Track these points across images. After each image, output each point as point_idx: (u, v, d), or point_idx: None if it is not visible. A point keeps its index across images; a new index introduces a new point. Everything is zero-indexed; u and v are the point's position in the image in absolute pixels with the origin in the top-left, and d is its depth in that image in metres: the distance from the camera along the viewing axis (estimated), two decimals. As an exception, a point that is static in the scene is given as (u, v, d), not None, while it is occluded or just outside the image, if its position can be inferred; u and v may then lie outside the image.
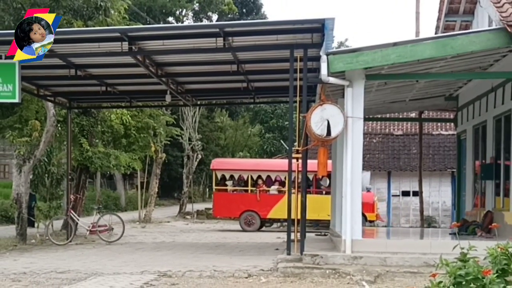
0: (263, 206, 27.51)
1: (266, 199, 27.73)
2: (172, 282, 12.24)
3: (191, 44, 15.52)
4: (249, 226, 27.70)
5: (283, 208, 25.99)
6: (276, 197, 27.73)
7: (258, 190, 28.01)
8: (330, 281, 12.28)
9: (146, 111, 28.36)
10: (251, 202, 27.73)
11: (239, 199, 28.25)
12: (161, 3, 44.27)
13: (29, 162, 20.95)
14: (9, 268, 14.06)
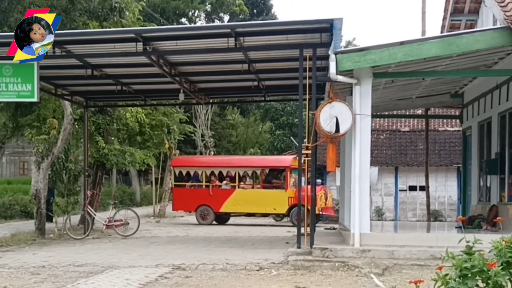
0: (216, 201, 27.88)
1: (218, 194, 28.05)
2: (186, 275, 12.27)
3: (204, 44, 15.54)
4: (203, 219, 28.09)
5: (234, 202, 27.06)
6: (228, 192, 28.13)
7: (211, 185, 28.37)
8: (339, 274, 12.28)
9: (160, 109, 28.43)
10: (205, 197, 28.05)
11: (195, 194, 28.62)
12: (174, 4, 44.28)
13: (47, 159, 21.04)
14: (28, 262, 14.13)
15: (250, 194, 27.70)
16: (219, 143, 52.54)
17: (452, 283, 4.89)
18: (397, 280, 11.36)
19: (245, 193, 27.74)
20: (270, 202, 27.24)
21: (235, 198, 27.68)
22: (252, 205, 27.48)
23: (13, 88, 15.32)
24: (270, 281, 11.61)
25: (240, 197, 27.60)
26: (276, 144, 49.39)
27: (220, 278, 11.94)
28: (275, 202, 27.08)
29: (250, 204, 27.43)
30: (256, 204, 27.33)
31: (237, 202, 27.55)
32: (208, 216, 28.08)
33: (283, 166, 28.00)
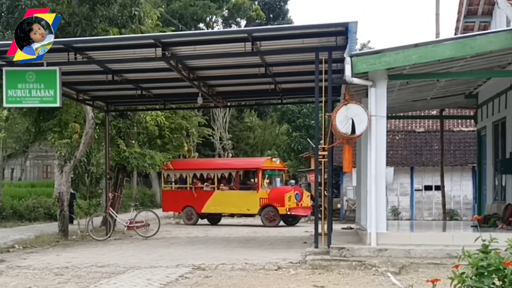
0: (199, 202, 28.50)
1: (200, 195, 28.62)
2: (206, 275, 12.28)
3: (221, 48, 15.56)
4: (189, 220, 28.78)
5: (214, 203, 27.66)
6: (208, 193, 28.64)
7: (194, 187, 28.97)
8: (356, 273, 12.24)
9: (179, 112, 28.49)
10: (190, 199, 28.75)
11: (181, 196, 29.29)
12: (192, 10, 44.36)
13: (70, 163, 21.17)
14: (52, 263, 14.22)
15: (227, 195, 28.22)
16: (237, 146, 52.55)
17: (469, 282, 4.85)
18: (413, 279, 11.31)
19: (223, 194, 28.29)
20: (243, 202, 27.76)
21: (215, 199, 28.30)
22: (229, 206, 28.15)
23: (36, 94, 15.42)
24: (288, 280, 11.60)
25: (219, 198, 28.20)
26: (293, 145, 49.30)
27: (239, 278, 11.94)
28: (248, 202, 27.61)
29: (227, 205, 28.09)
30: (232, 204, 27.98)
31: (216, 203, 28.15)
32: (192, 216, 28.76)
33: (255, 168, 28.42)
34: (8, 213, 27.87)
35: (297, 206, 27.29)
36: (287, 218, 27.66)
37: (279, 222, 27.17)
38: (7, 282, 11.99)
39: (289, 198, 26.89)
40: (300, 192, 27.98)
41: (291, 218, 27.77)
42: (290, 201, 26.93)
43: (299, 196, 27.49)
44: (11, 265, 13.99)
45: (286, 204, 26.77)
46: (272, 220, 27.16)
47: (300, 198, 27.51)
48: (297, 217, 28.03)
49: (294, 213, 27.22)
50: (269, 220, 27.20)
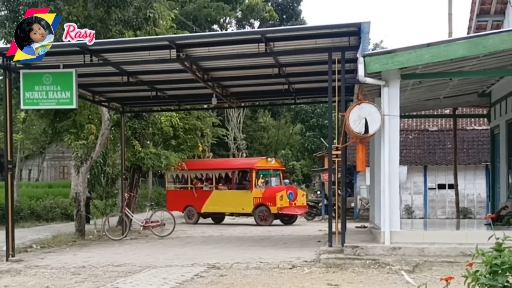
0: (199, 202, 28.91)
1: (200, 195, 29.02)
2: (221, 274, 12.31)
3: (235, 50, 15.57)
4: (190, 219, 29.21)
5: (212, 203, 28.03)
6: (207, 193, 28.97)
7: (194, 187, 29.39)
8: (370, 271, 12.23)
9: (194, 113, 28.56)
10: (191, 198, 29.16)
11: (183, 195, 29.72)
12: (206, 12, 44.45)
13: (86, 163, 21.26)
14: (69, 262, 14.30)
15: (224, 195, 28.52)
16: (251, 145, 52.58)
17: (483, 280, 4.84)
18: (427, 277, 11.28)
19: (220, 194, 28.61)
20: (239, 202, 28.03)
21: (213, 199, 28.65)
22: (226, 205, 28.45)
23: (53, 96, 15.50)
24: (302, 279, 11.60)
25: (217, 198, 28.54)
26: (306, 145, 49.26)
27: (254, 277, 11.95)
28: (243, 202, 27.88)
29: (224, 204, 28.39)
30: (229, 204, 28.29)
31: (214, 203, 28.51)
32: (193, 216, 29.15)
33: (249, 168, 28.64)
34: (25, 213, 28.01)
35: (290, 206, 27.50)
36: (283, 217, 27.95)
37: (271, 221, 27.41)
38: (25, 281, 12.08)
39: (281, 198, 27.13)
40: (294, 192, 28.19)
41: (287, 217, 28.02)
42: (282, 200, 27.17)
43: (292, 196, 27.70)
44: (29, 264, 14.08)
45: (278, 203, 27.02)
46: (265, 219, 27.45)
47: (294, 197, 27.72)
48: (293, 216, 28.25)
49: (286, 212, 27.44)
50: (261, 219, 27.48)
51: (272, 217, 27.37)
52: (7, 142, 15.22)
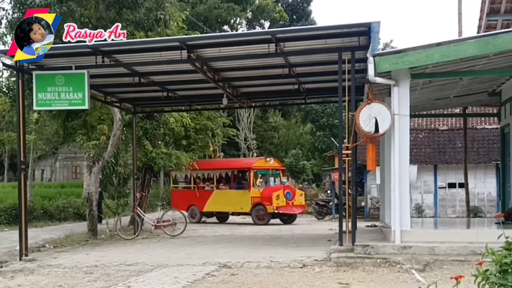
0: (201, 201, 29.20)
1: (202, 195, 29.31)
2: (232, 273, 12.33)
3: (245, 50, 15.58)
4: (193, 218, 29.30)
5: (213, 202, 28.34)
6: (208, 192, 29.25)
7: (197, 187, 29.65)
8: (381, 270, 12.21)
9: (205, 113, 28.61)
10: (193, 198, 29.45)
11: (186, 195, 30.04)
12: (216, 13, 44.48)
13: (98, 164, 21.33)
14: (82, 262, 14.35)
15: (224, 195, 28.76)
16: (262, 145, 52.59)
17: (493, 279, 4.82)
18: (438, 276, 11.26)
19: (220, 193, 28.87)
20: (238, 201, 28.24)
21: (214, 198, 28.92)
22: (226, 205, 28.66)
23: (65, 97, 15.57)
24: (313, 278, 11.60)
25: (217, 198, 28.81)
26: (317, 145, 49.22)
27: (265, 276, 11.96)
28: (241, 201, 28.09)
29: (224, 204, 28.60)
30: (229, 203, 28.49)
31: (215, 202, 28.76)
32: (196, 215, 29.37)
33: (246, 168, 28.85)
34: (38, 213, 28.16)
35: (287, 205, 27.63)
36: (281, 217, 28.10)
37: (268, 220, 27.59)
38: (39, 280, 12.14)
39: (277, 197, 27.33)
40: (292, 191, 28.39)
41: (286, 216, 28.15)
42: (279, 200, 27.36)
43: (290, 195, 27.91)
44: (42, 264, 14.14)
45: (274, 202, 27.20)
46: (262, 218, 27.62)
47: (291, 197, 27.91)
48: (292, 215, 28.38)
49: (282, 211, 27.58)
50: (259, 218, 27.67)
51: (269, 216, 27.58)
52: (20, 143, 15.29)
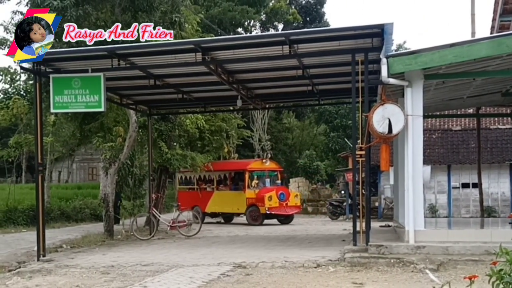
0: (203, 202, 29.50)
1: (204, 195, 29.81)
2: (247, 273, 12.33)
3: (259, 52, 15.57)
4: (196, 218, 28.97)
5: (214, 203, 28.64)
6: (210, 193, 29.68)
7: (199, 188, 30.13)
8: (395, 270, 12.18)
9: (219, 115, 28.65)
10: (197, 199, 29.79)
11: (190, 196, 30.35)
12: (231, 15, 44.52)
13: (114, 165, 21.39)
14: (98, 262, 14.39)
15: (223, 196, 29.12)
16: (276, 146, 52.54)
17: (507, 278, 4.79)
18: (452, 276, 11.21)
19: (220, 194, 29.26)
20: (234, 202, 28.55)
21: (214, 199, 29.30)
22: (224, 206, 29.00)
23: (81, 99, 15.64)
24: (327, 277, 11.58)
25: (217, 199, 29.20)
26: (330, 145, 49.13)
27: (279, 275, 11.96)
28: (238, 202, 28.41)
29: (223, 205, 28.93)
30: (227, 204, 28.80)
31: (215, 203, 29.10)
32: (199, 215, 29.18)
33: (242, 169, 29.08)
34: (56, 214, 28.31)
35: (280, 206, 27.84)
36: (276, 217, 28.36)
37: (262, 221, 27.81)
38: (56, 280, 12.20)
39: (270, 198, 27.54)
40: (286, 192, 28.57)
41: (283, 217, 28.42)
42: (271, 201, 27.59)
43: (284, 196, 28.10)
44: (59, 264, 14.20)
45: (266, 203, 27.42)
46: (255, 219, 27.88)
47: (285, 198, 28.10)
48: (288, 216, 28.61)
49: (275, 212, 27.78)
50: (252, 219, 27.93)
51: (262, 217, 27.81)
52: (38, 145, 15.38)
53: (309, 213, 37.51)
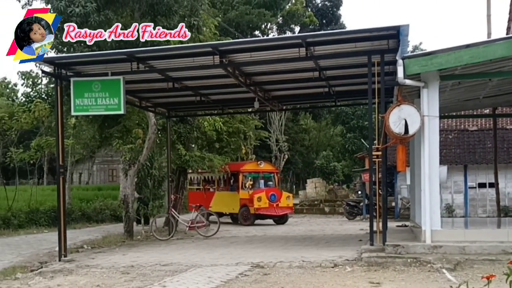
0: (207, 202, 29.95)
1: (208, 196, 30.71)
2: (264, 272, 12.33)
3: (276, 54, 15.57)
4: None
5: (215, 203, 29.09)
6: (212, 194, 30.71)
7: (203, 188, 30.88)
8: (411, 269, 12.12)
9: (237, 117, 28.68)
10: (202, 199, 30.32)
11: (197, 196, 31.10)
12: (248, 18, 44.59)
13: (133, 167, 21.49)
14: (119, 262, 14.45)
15: (222, 196, 29.77)
16: (293, 147, 52.54)
17: (524, 278, 4.77)
18: (468, 275, 11.14)
19: (220, 195, 30.03)
20: (230, 202, 29.02)
21: (215, 199, 29.95)
22: (223, 206, 29.43)
23: (101, 102, 15.71)
24: (344, 277, 11.56)
25: (218, 199, 29.88)
26: (347, 146, 49.09)
27: (297, 275, 11.94)
28: (233, 203, 28.90)
29: (222, 205, 29.41)
30: (224, 204, 29.23)
31: (216, 203, 29.59)
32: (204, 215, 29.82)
33: (236, 171, 29.36)
34: (77, 215, 28.49)
35: (270, 206, 28.10)
36: (271, 218, 28.73)
37: (253, 221, 28.17)
38: (77, 280, 12.27)
39: (259, 199, 27.86)
40: (277, 193, 28.76)
41: (278, 217, 28.74)
42: (261, 201, 27.90)
43: (275, 197, 28.31)
44: (80, 264, 14.29)
45: (256, 204, 27.77)
46: (246, 219, 28.28)
47: (276, 199, 28.32)
48: (282, 216, 28.90)
49: (263, 212, 28.09)
50: (244, 219, 28.36)
51: (252, 217, 28.18)
52: (59, 147, 15.47)
53: (326, 213, 37.46)
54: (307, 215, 37.00)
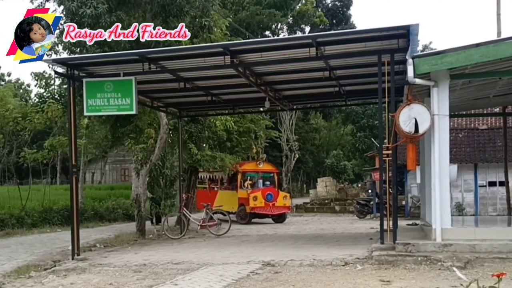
0: (211, 200, 29.75)
1: (212, 194, 31.07)
2: (275, 271, 12.33)
3: (287, 54, 15.55)
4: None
5: (218, 201, 28.98)
6: (215, 193, 31.13)
7: (208, 187, 31.54)
8: (422, 268, 12.10)
9: (248, 116, 28.68)
10: (207, 197, 30.42)
11: (204, 195, 31.31)
12: (258, 19, 44.59)
13: (145, 166, 21.54)
14: (131, 261, 14.49)
15: (223, 195, 30.17)
16: (303, 146, 52.50)
17: (534, 276, 4.75)
18: (479, 273, 11.10)
19: (222, 194, 30.41)
20: (230, 201, 29.20)
21: (219, 198, 30.15)
22: (225, 204, 29.14)
23: (114, 103, 15.74)
24: (355, 275, 11.54)
25: (220, 198, 30.08)
26: (357, 145, 49.02)
27: (308, 274, 11.94)
28: (232, 202, 29.21)
29: (224, 204, 29.10)
30: (226, 203, 29.02)
31: (219, 202, 29.40)
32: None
33: (235, 170, 29.42)
34: (89, 214, 28.61)
35: (265, 206, 28.35)
36: (268, 217, 28.88)
37: (249, 219, 28.43)
38: (90, 278, 12.32)
39: (255, 198, 28.16)
40: (274, 193, 28.93)
41: (276, 216, 28.93)
42: (256, 201, 28.18)
43: (271, 197, 28.55)
44: (93, 263, 14.34)
45: (251, 203, 28.08)
46: (243, 218, 28.60)
47: (273, 198, 28.55)
48: (280, 215, 29.12)
49: (258, 212, 28.32)
50: (240, 218, 28.67)
51: (249, 216, 28.44)
52: (72, 147, 15.52)
53: (336, 212, 37.44)
54: (317, 213, 37.01)
